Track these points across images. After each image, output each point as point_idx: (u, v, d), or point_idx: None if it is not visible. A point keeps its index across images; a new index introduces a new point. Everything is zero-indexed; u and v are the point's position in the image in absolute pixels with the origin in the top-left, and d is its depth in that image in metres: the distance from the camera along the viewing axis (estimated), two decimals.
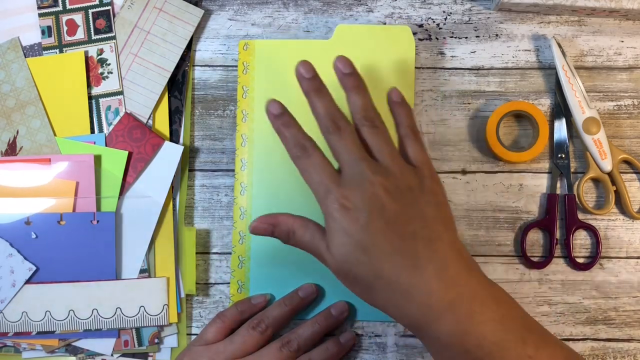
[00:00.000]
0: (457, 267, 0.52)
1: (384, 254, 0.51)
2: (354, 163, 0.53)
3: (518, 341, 0.50)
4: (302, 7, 0.69)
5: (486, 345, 0.50)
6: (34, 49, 0.68)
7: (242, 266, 0.66)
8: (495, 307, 0.51)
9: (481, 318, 0.50)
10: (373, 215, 0.51)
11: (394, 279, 0.51)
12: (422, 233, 0.52)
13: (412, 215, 0.52)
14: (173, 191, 0.67)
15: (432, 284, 0.50)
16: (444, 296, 0.50)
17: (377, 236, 0.51)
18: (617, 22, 0.68)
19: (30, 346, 0.65)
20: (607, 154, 0.65)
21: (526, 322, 0.53)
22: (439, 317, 0.50)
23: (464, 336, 0.50)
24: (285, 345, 0.62)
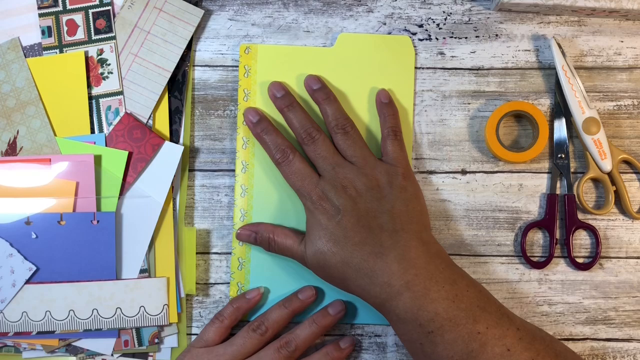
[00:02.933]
0: (417, 253, 0.58)
1: (354, 244, 0.59)
2: (329, 169, 0.62)
3: (469, 318, 0.56)
4: (302, 7, 0.69)
5: (438, 320, 0.56)
6: (34, 49, 0.68)
7: (242, 268, 0.67)
8: (450, 287, 0.57)
9: (435, 296, 0.56)
10: (346, 213, 0.59)
11: (361, 265, 0.58)
12: (388, 226, 0.59)
13: (380, 210, 0.60)
14: (173, 191, 0.67)
15: (392, 267, 0.57)
16: (402, 276, 0.57)
17: (348, 230, 0.59)
18: (617, 22, 0.68)
19: (30, 346, 0.65)
20: (607, 154, 0.65)
21: (481, 303, 0.57)
22: (397, 294, 0.57)
23: (419, 311, 0.56)
24: (284, 346, 0.62)
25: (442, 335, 0.56)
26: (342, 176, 0.61)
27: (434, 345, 0.56)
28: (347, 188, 0.60)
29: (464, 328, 0.55)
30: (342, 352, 0.64)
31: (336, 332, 0.67)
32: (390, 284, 0.57)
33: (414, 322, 0.56)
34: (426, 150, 0.68)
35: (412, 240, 0.59)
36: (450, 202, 0.67)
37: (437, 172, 0.68)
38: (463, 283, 0.58)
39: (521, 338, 0.56)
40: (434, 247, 0.60)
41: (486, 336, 0.55)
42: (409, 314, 0.57)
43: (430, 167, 0.68)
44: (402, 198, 0.61)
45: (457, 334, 0.55)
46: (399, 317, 0.57)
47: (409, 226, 0.60)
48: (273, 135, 0.64)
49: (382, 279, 0.57)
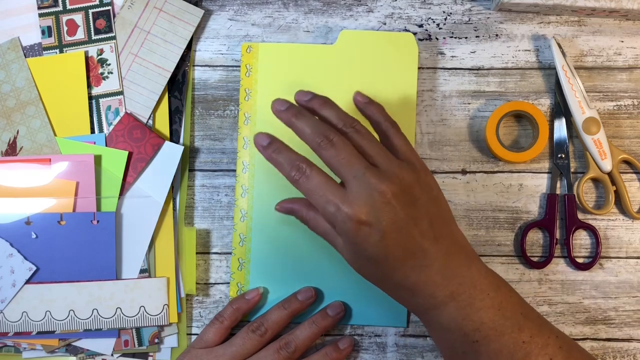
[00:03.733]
0: (459, 260, 0.54)
1: (396, 261, 0.53)
2: (357, 175, 0.52)
3: (514, 327, 0.53)
4: (302, 7, 0.69)
5: (484, 330, 0.53)
6: (34, 49, 0.68)
7: (242, 268, 0.67)
8: (494, 294, 0.54)
9: (480, 305, 0.54)
10: (387, 228, 0.52)
11: (402, 281, 0.54)
12: (428, 233, 0.53)
13: (418, 216, 0.53)
14: (173, 191, 0.67)
15: (436, 279, 0.53)
16: (447, 287, 0.54)
17: (390, 247, 0.52)
18: (617, 22, 0.68)
19: (30, 346, 0.65)
20: (607, 154, 0.65)
21: (524, 310, 0.55)
22: (442, 304, 0.54)
23: (464, 321, 0.53)
24: (283, 347, 0.62)
25: (488, 344, 0.53)
26: (374, 182, 0.52)
27: (478, 355, 0.54)
28: (384, 194, 0.52)
29: (509, 337, 0.53)
30: (341, 353, 0.64)
31: (336, 333, 0.67)
32: (434, 295, 0.54)
33: (459, 332, 0.54)
34: (426, 150, 0.68)
35: (452, 246, 0.55)
36: (450, 202, 0.67)
37: (437, 172, 0.68)
38: (505, 289, 0.55)
39: (561, 347, 0.54)
40: (469, 248, 0.56)
41: (530, 345, 0.53)
42: (453, 324, 0.54)
43: (430, 167, 0.68)
44: (432, 197, 0.55)
45: (503, 343, 0.53)
46: (442, 326, 0.55)
47: (446, 230, 0.55)
48: (286, 153, 0.55)
49: (425, 291, 0.54)
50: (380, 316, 0.66)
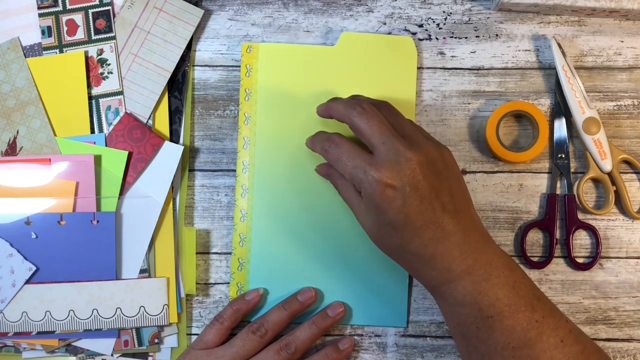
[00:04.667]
0: (476, 236, 0.56)
1: (415, 228, 0.54)
2: (386, 141, 0.55)
3: (528, 306, 0.54)
4: (302, 7, 0.69)
5: (498, 306, 0.54)
6: (34, 49, 0.68)
7: (242, 268, 0.67)
8: (509, 273, 0.55)
9: (496, 281, 0.54)
10: (410, 194, 0.54)
11: (419, 251, 0.55)
12: (449, 206, 0.55)
13: (441, 188, 0.55)
14: (173, 191, 0.67)
15: (453, 252, 0.54)
16: (463, 261, 0.54)
17: (410, 214, 0.54)
18: (617, 22, 0.68)
19: (30, 346, 0.65)
20: (607, 154, 0.65)
21: (536, 292, 0.56)
22: (457, 278, 0.55)
23: (479, 296, 0.54)
24: (284, 348, 0.62)
25: (501, 321, 0.54)
26: (402, 151, 0.54)
27: (492, 330, 0.54)
28: (410, 161, 0.54)
29: (523, 315, 0.54)
30: (341, 354, 0.64)
31: (336, 333, 0.67)
32: (451, 269, 0.55)
33: (473, 306, 0.54)
34: None
35: (471, 222, 0.56)
36: None
37: None
38: (519, 271, 0.56)
39: (571, 330, 0.55)
40: (484, 229, 0.58)
41: (543, 325, 0.54)
42: (468, 298, 0.54)
43: None
44: (454, 175, 0.57)
45: (516, 320, 0.54)
46: (456, 300, 0.55)
47: (466, 206, 0.56)
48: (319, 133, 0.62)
49: (442, 264, 0.55)
50: (380, 316, 0.66)
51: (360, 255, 0.66)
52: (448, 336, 0.67)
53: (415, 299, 0.67)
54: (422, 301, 0.67)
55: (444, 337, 0.67)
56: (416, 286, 0.67)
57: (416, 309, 0.67)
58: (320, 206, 0.66)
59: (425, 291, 0.67)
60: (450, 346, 0.67)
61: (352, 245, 0.66)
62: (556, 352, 0.53)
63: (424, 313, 0.67)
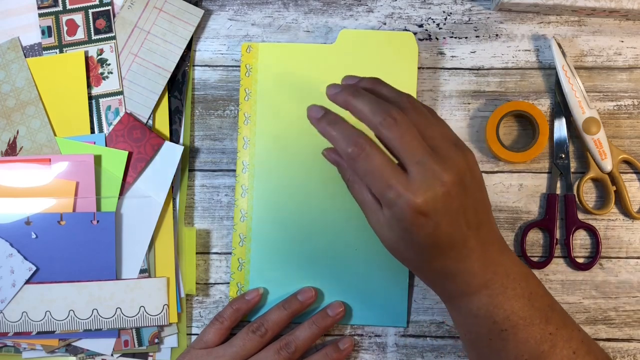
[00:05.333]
0: (494, 249, 0.54)
1: (440, 250, 0.52)
2: (421, 161, 0.49)
3: (542, 318, 0.54)
4: (302, 7, 0.69)
5: (513, 319, 0.53)
6: (34, 49, 0.68)
7: (242, 268, 0.67)
8: (525, 284, 0.54)
9: (512, 293, 0.54)
10: (441, 220, 0.50)
11: (440, 270, 0.53)
12: (473, 221, 0.52)
13: (468, 204, 0.51)
14: (173, 191, 0.67)
15: (474, 268, 0.53)
16: (483, 276, 0.53)
17: (439, 238, 0.51)
18: (617, 22, 0.68)
19: (30, 346, 0.65)
20: (607, 154, 0.65)
21: (550, 302, 0.55)
22: (475, 292, 0.54)
23: (495, 309, 0.53)
24: (284, 347, 0.62)
25: (516, 333, 0.53)
26: (438, 172, 0.49)
27: (505, 343, 0.54)
28: (446, 184, 0.49)
29: (537, 328, 0.53)
30: (342, 353, 0.64)
31: (336, 333, 0.67)
32: (470, 283, 0.53)
33: (488, 319, 0.54)
34: None
35: (490, 234, 0.54)
36: None
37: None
38: (534, 280, 0.55)
39: (583, 341, 0.54)
40: (500, 235, 0.56)
41: (556, 337, 0.53)
42: (483, 311, 0.54)
43: None
44: (478, 183, 0.53)
45: (530, 333, 0.53)
46: (471, 312, 0.54)
47: (487, 217, 0.54)
48: (343, 126, 0.51)
49: (462, 279, 0.53)
50: (381, 316, 0.66)
51: (360, 255, 0.66)
52: (448, 336, 0.67)
53: (415, 299, 0.67)
54: (422, 301, 0.67)
55: (444, 337, 0.67)
56: (416, 286, 0.67)
57: (416, 309, 0.67)
58: (320, 206, 0.66)
59: (426, 291, 0.67)
60: (450, 346, 0.67)
61: (352, 245, 0.66)
62: None
63: (424, 313, 0.67)
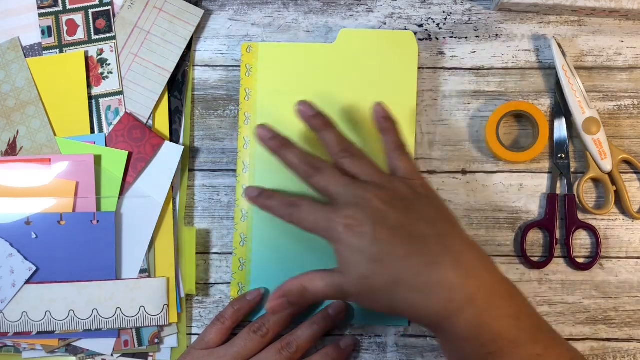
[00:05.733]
0: (472, 259, 0.53)
1: (398, 259, 0.52)
2: (344, 190, 0.55)
3: (529, 339, 0.52)
4: (302, 7, 0.69)
5: (500, 341, 0.51)
6: (34, 49, 0.68)
7: (243, 268, 0.67)
8: (511, 302, 0.53)
9: (498, 312, 0.51)
10: (377, 226, 0.52)
11: (411, 280, 0.51)
12: (431, 231, 0.53)
13: (415, 218, 0.53)
14: (173, 191, 0.67)
15: (450, 278, 0.51)
16: (464, 289, 0.51)
17: (387, 244, 0.52)
18: (617, 22, 0.68)
19: (30, 346, 0.65)
20: (607, 154, 0.66)
21: (538, 321, 0.54)
22: (459, 310, 0.51)
23: (481, 330, 0.51)
24: (285, 347, 0.62)
25: (502, 357, 0.51)
26: (360, 191, 0.54)
27: None
28: (371, 201, 0.53)
29: (524, 350, 0.51)
30: (342, 353, 0.64)
31: (336, 333, 0.67)
32: (451, 299, 0.51)
33: (475, 342, 0.51)
34: (426, 150, 0.68)
35: (462, 244, 0.53)
36: (450, 202, 0.67)
37: (437, 172, 0.68)
38: (520, 297, 0.54)
39: (572, 359, 0.54)
40: (480, 249, 0.55)
41: (544, 359, 0.52)
42: (470, 333, 0.51)
43: (430, 167, 0.68)
44: (429, 204, 0.56)
45: (517, 355, 0.51)
46: (458, 335, 0.52)
47: (451, 229, 0.54)
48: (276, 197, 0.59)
49: (440, 294, 0.51)
50: (382, 315, 0.66)
51: None
52: None
53: None
54: None
55: None
56: None
57: None
58: None
59: None
60: None
61: None
62: None
63: None
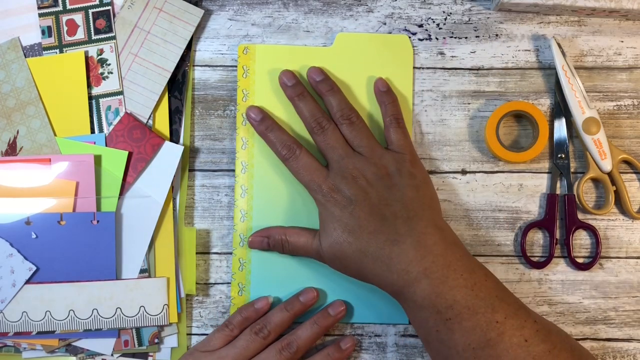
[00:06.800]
0: (433, 240, 0.58)
1: (369, 232, 0.59)
2: (338, 159, 0.62)
3: (487, 307, 0.56)
4: (302, 7, 0.69)
5: (456, 308, 0.56)
6: (34, 49, 0.68)
7: (243, 268, 0.67)
8: (468, 275, 0.57)
9: (453, 283, 0.56)
10: (358, 203, 0.59)
11: (377, 253, 0.58)
12: (402, 213, 0.59)
13: (393, 198, 0.60)
14: (173, 191, 0.67)
15: (409, 254, 0.57)
16: (420, 263, 0.57)
17: (362, 219, 0.59)
18: (617, 22, 0.68)
19: (30, 346, 0.65)
20: (607, 154, 0.65)
21: (499, 293, 0.57)
22: (415, 281, 0.57)
23: (437, 298, 0.56)
24: (285, 347, 0.62)
25: (460, 322, 0.55)
26: (351, 166, 0.61)
27: (451, 333, 0.56)
28: (358, 178, 0.61)
29: (483, 317, 0.55)
30: (343, 353, 0.64)
31: (336, 332, 0.67)
32: (408, 270, 0.57)
33: (432, 309, 0.56)
34: (426, 150, 0.68)
35: (428, 227, 0.59)
36: (450, 202, 0.67)
37: (437, 172, 0.68)
38: (481, 272, 0.58)
39: (538, 330, 0.56)
40: (450, 234, 0.60)
41: (504, 326, 0.55)
42: (427, 301, 0.56)
43: (430, 167, 0.68)
44: (411, 185, 0.61)
45: (476, 322, 0.55)
46: (416, 303, 0.57)
47: (422, 213, 0.59)
48: (278, 132, 0.64)
49: (400, 266, 0.57)
50: (382, 314, 0.66)
51: None
52: None
53: None
54: None
55: None
56: None
57: None
58: None
59: None
60: None
61: None
62: (520, 352, 0.54)
63: None
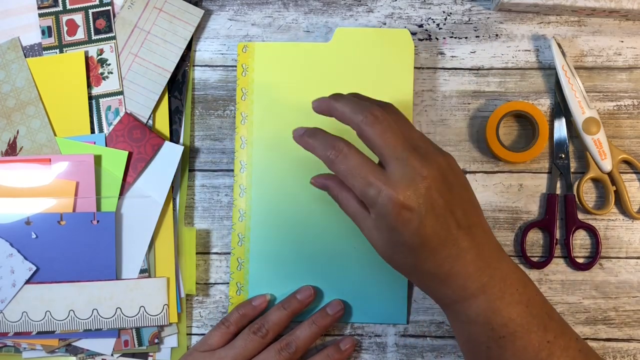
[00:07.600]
0: (490, 251, 0.53)
1: (430, 250, 0.51)
2: (400, 157, 0.50)
3: (540, 326, 0.53)
4: (302, 7, 0.69)
5: (511, 326, 0.52)
6: (34, 49, 0.68)
7: (241, 268, 0.67)
8: (523, 290, 0.53)
9: (510, 299, 0.53)
10: (427, 215, 0.50)
11: (434, 270, 0.52)
12: (463, 222, 0.52)
13: (455, 203, 0.52)
14: (173, 191, 0.67)
15: (469, 269, 0.52)
16: (479, 278, 0.52)
17: (427, 236, 0.51)
18: (617, 22, 0.68)
19: (30, 346, 0.65)
20: (607, 154, 0.65)
21: (548, 310, 0.55)
22: (472, 297, 0.52)
23: (492, 315, 0.52)
24: (284, 347, 0.62)
25: (514, 341, 0.52)
26: (418, 167, 0.50)
27: (503, 351, 0.53)
28: (426, 179, 0.50)
29: (535, 336, 0.52)
30: (343, 354, 0.64)
31: (336, 332, 0.67)
32: (466, 287, 0.52)
33: (486, 326, 0.53)
34: None
35: (485, 236, 0.54)
36: None
37: None
38: (532, 287, 0.55)
39: (580, 350, 0.54)
40: (496, 240, 0.55)
41: (554, 346, 0.52)
42: (481, 317, 0.52)
43: None
44: (463, 184, 0.54)
45: (529, 341, 0.52)
46: (469, 318, 0.53)
47: (479, 218, 0.54)
48: (321, 134, 0.54)
49: (457, 283, 0.52)
50: (381, 313, 0.66)
51: (358, 252, 0.66)
52: (448, 336, 0.67)
53: (416, 299, 0.67)
54: (422, 301, 0.67)
55: (444, 337, 0.67)
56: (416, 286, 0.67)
57: (416, 309, 0.67)
58: (318, 204, 0.66)
59: None
60: (450, 346, 0.67)
61: (350, 243, 0.66)
62: None
63: (424, 313, 0.67)
